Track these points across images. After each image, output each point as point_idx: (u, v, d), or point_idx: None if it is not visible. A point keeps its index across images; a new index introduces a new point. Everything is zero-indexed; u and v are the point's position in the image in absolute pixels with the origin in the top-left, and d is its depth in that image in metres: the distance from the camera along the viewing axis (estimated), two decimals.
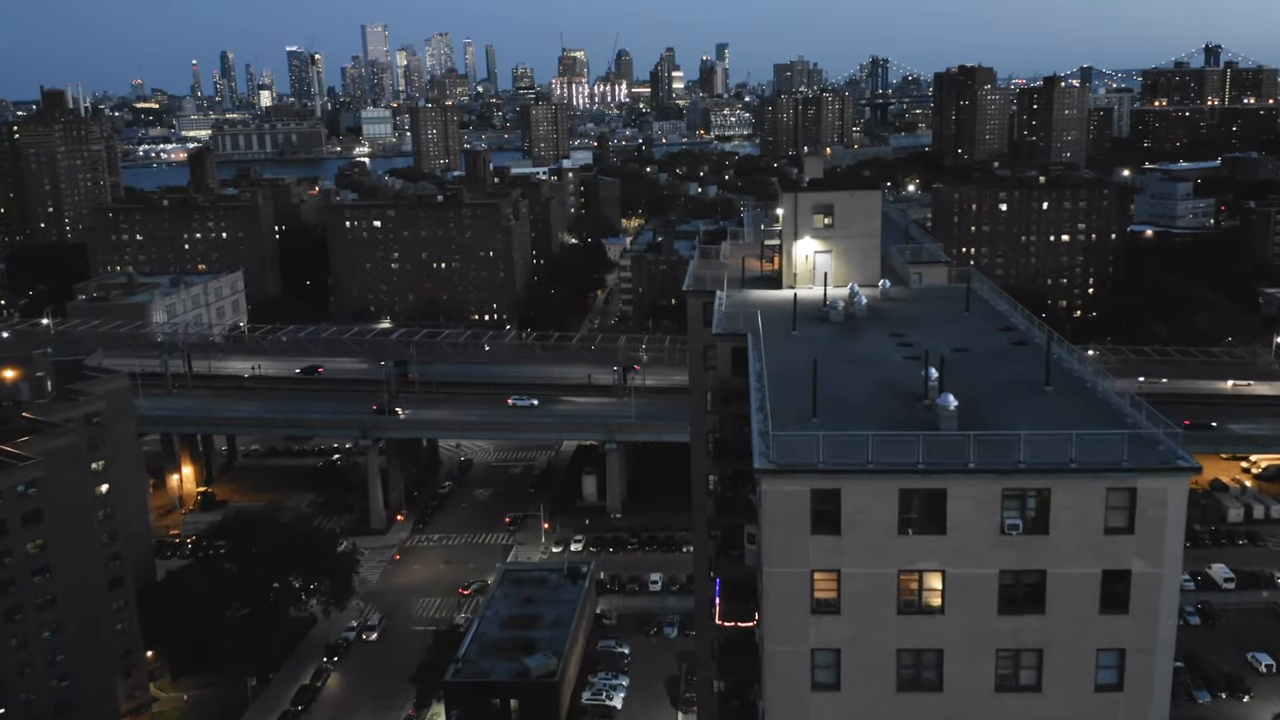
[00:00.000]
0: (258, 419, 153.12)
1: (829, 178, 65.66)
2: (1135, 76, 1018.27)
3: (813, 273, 55.16)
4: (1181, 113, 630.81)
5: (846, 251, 55.11)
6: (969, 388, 38.28)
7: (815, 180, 55.61)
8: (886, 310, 51.98)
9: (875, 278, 54.90)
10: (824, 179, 64.74)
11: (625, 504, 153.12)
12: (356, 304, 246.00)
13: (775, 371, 40.67)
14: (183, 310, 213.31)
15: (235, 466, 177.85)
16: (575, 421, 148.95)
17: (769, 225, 68.42)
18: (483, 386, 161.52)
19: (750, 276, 58.18)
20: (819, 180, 60.95)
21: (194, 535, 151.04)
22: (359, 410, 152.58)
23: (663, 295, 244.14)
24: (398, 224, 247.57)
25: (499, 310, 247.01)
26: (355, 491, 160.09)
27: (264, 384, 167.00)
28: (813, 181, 55.59)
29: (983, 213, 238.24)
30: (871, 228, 54.95)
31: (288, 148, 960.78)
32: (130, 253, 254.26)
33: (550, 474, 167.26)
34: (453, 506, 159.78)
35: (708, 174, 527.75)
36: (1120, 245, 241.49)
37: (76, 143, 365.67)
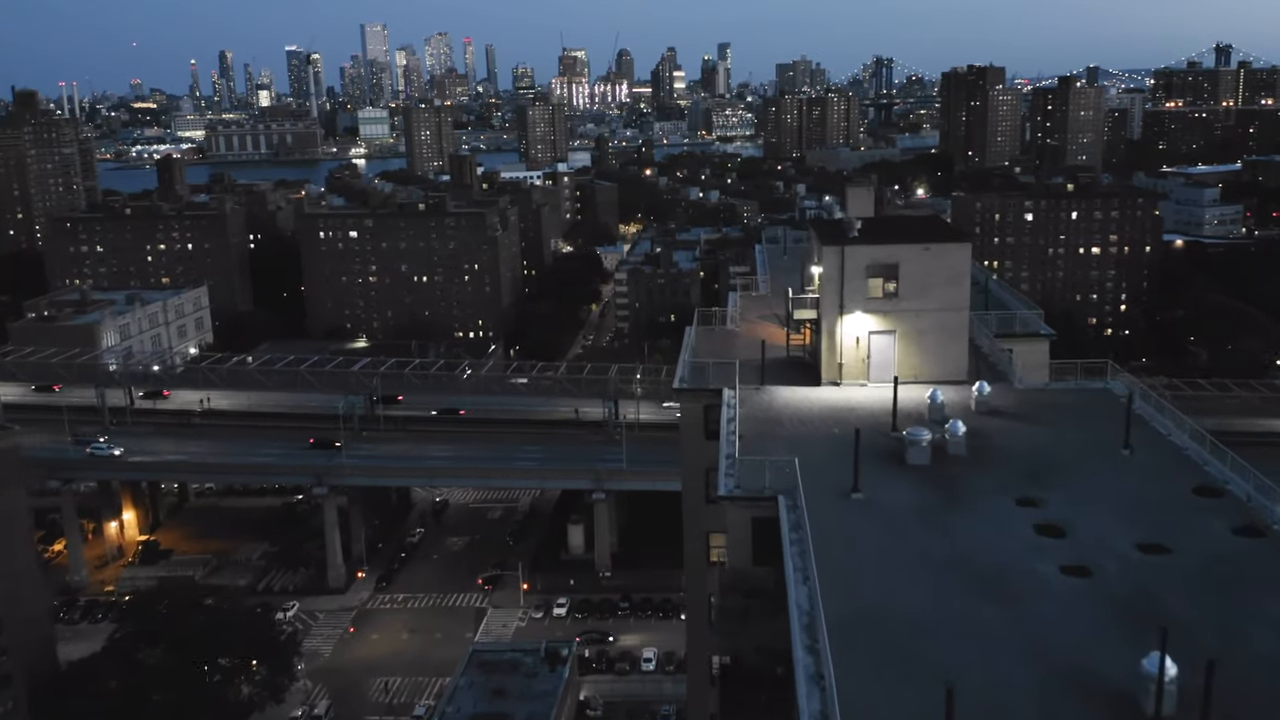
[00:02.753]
0: (199, 465, 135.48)
1: (887, 219, 47.36)
2: (1141, 77, 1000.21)
3: (866, 364, 38.03)
4: (1198, 114, 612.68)
5: (919, 333, 37.96)
6: (1207, 653, 20.14)
7: (868, 224, 38.56)
8: (995, 441, 34.42)
9: (960, 370, 37.64)
10: (879, 220, 47.26)
11: (616, 556, 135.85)
12: (331, 321, 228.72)
13: (838, 618, 23.00)
14: (138, 330, 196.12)
15: (186, 508, 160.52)
16: (558, 468, 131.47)
17: (797, 265, 51.04)
18: (456, 423, 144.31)
19: (773, 360, 40.79)
20: (873, 223, 43.46)
21: (130, 593, 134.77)
22: (311, 452, 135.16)
23: (661, 311, 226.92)
24: (376, 234, 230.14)
25: (484, 327, 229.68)
26: (315, 539, 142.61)
27: (214, 419, 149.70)
28: (865, 227, 38.42)
29: (1006, 223, 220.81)
30: (956, 298, 37.68)
31: (282, 149, 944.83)
32: (90, 265, 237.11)
33: (532, 520, 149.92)
34: (423, 558, 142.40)
35: (709, 177, 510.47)
36: (1154, 258, 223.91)
37: (48, 145, 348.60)
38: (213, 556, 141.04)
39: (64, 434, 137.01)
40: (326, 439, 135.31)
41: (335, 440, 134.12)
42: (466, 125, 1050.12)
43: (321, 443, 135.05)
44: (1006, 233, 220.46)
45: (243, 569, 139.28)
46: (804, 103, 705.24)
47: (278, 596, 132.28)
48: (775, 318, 46.71)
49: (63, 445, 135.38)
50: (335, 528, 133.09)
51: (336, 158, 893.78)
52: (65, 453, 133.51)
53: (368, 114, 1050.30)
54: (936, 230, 43.02)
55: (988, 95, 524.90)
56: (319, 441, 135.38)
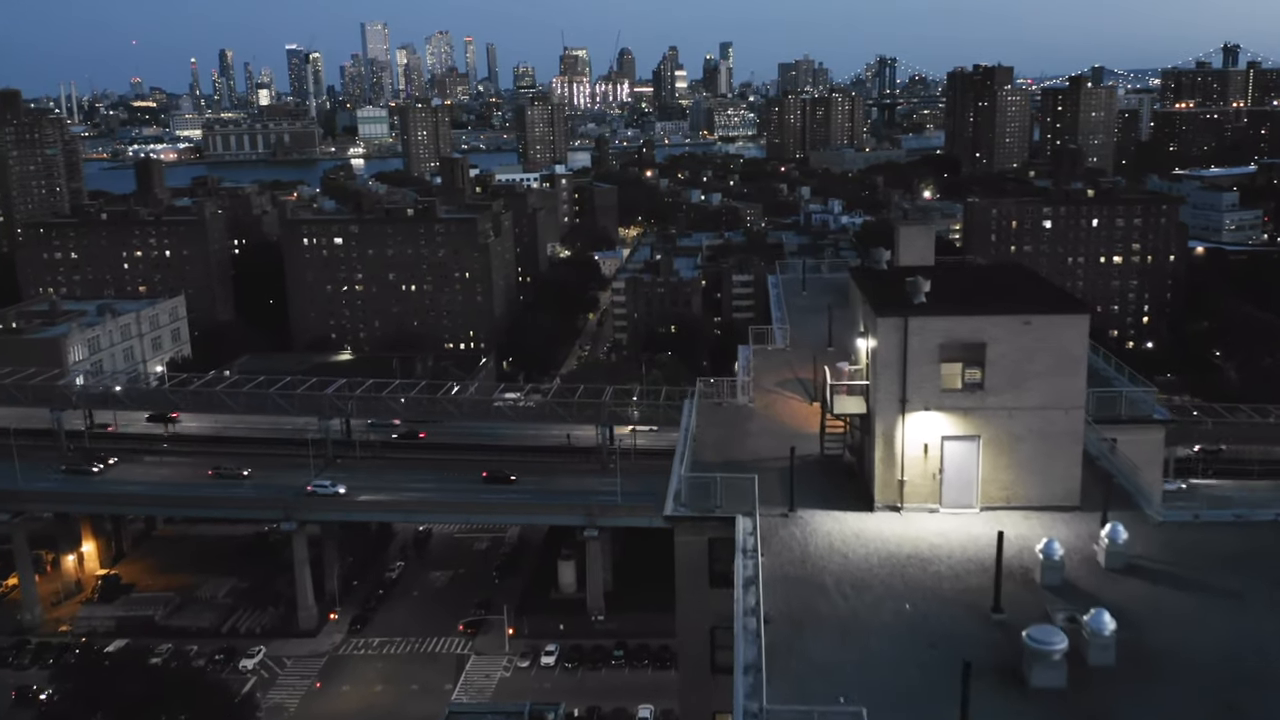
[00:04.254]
0: (155, 498, 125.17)
1: (959, 272, 33.20)
2: (1146, 77, 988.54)
3: (937, 482, 27.75)
4: (1209, 115, 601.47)
5: (1013, 440, 27.76)
6: None
7: (937, 281, 27.87)
8: (1154, 633, 23.04)
9: (1070, 492, 27.23)
10: (949, 272, 35.25)
11: (610, 595, 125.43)
12: (315, 332, 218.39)
13: None
14: (108, 344, 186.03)
15: (153, 537, 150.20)
16: (546, 504, 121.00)
17: (821, 305, 40.48)
18: (437, 448, 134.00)
19: (803, 460, 30.08)
20: (944, 280, 31.11)
21: (86, 635, 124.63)
22: (283, 482, 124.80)
23: (661, 321, 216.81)
24: (362, 241, 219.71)
25: (476, 338, 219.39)
26: (288, 573, 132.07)
27: (181, 443, 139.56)
28: (935, 288, 28.48)
29: (1024, 230, 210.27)
30: (1066, 391, 27.54)
31: (280, 148, 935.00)
32: (65, 273, 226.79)
33: (521, 553, 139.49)
34: (402, 595, 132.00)
35: (711, 179, 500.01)
36: (1178, 267, 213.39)
37: (30, 146, 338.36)
38: (175, 594, 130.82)
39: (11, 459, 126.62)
40: (501, 472, 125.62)
41: (509, 474, 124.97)
42: (466, 125, 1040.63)
43: (496, 476, 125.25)
44: (1024, 241, 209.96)
45: (207, 608, 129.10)
46: (807, 103, 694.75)
47: (243, 639, 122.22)
48: (799, 385, 36.53)
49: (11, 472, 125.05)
50: (305, 566, 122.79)
51: (335, 157, 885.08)
52: (13, 482, 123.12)
53: (367, 113, 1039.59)
54: (1036, 292, 31.39)
55: (996, 95, 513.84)
56: (493, 475, 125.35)
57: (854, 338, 30.14)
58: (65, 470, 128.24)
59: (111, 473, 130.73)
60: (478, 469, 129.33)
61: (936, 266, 34.24)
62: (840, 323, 42.31)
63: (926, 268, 32.72)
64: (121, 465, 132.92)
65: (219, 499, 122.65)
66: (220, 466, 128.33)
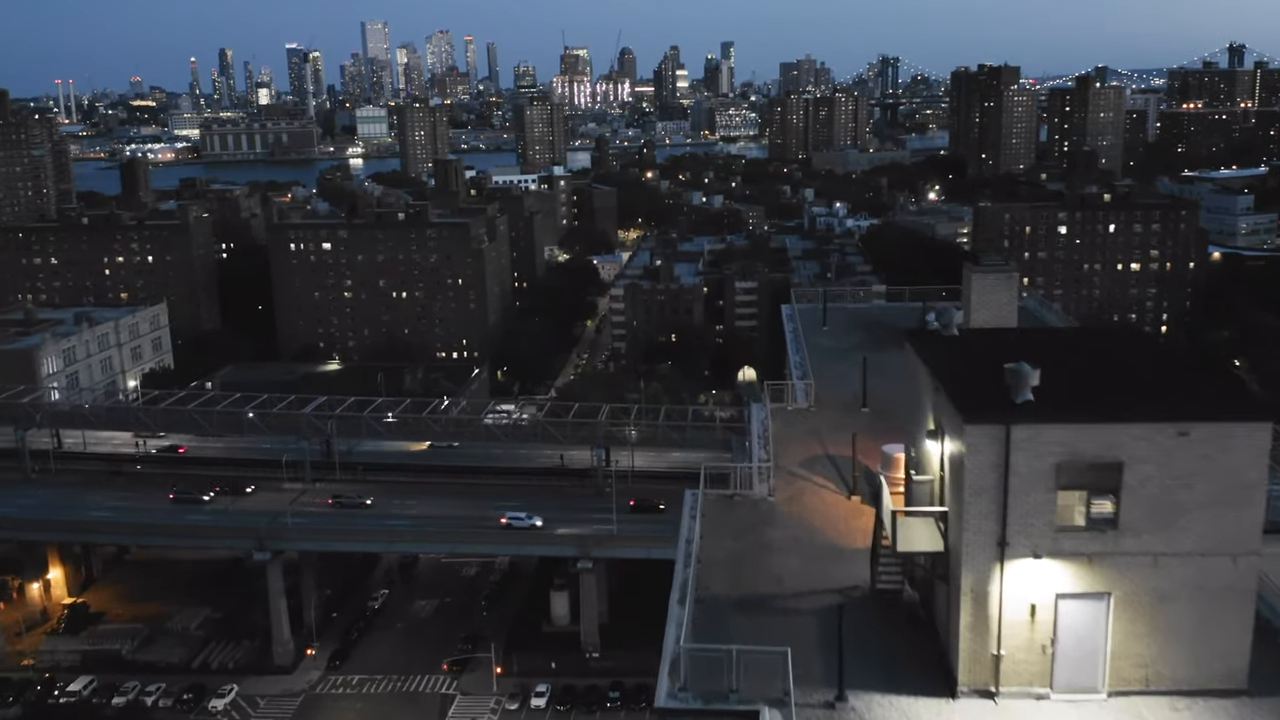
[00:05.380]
0: (118, 525, 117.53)
1: (1066, 341, 23.68)
2: (1149, 77, 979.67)
3: (1049, 656, 19.67)
4: (1217, 115, 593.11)
5: (1156, 600, 19.84)
6: None
7: (1038, 363, 20.18)
8: None
9: (1235, 672, 18.91)
10: (1052, 341, 25.48)
11: (605, 629, 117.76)
12: (303, 340, 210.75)
13: None
14: (85, 355, 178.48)
15: (125, 561, 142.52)
16: (537, 532, 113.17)
17: (847, 347, 32.47)
18: (422, 471, 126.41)
19: (851, 604, 21.70)
20: (1047, 358, 21.15)
21: (50, 670, 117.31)
22: (258, 508, 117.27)
23: (661, 330, 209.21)
24: (351, 246, 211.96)
25: (469, 347, 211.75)
26: (265, 602, 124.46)
27: (152, 465, 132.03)
28: (1042, 383, 19.99)
29: (1038, 236, 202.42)
30: (1235, 531, 19.57)
31: (278, 148, 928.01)
32: (44, 279, 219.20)
33: (511, 581, 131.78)
34: (385, 627, 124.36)
35: (713, 180, 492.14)
36: (1198, 274, 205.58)
37: (16, 147, 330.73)
38: (144, 626, 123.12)
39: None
40: None
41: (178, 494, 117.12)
42: (466, 125, 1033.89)
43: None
44: (1038, 247, 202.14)
45: (177, 641, 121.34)
46: (810, 103, 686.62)
47: (215, 676, 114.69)
48: (830, 464, 28.87)
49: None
50: (281, 598, 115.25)
51: (334, 157, 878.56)
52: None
53: (366, 113, 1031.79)
54: (1188, 384, 22.33)
55: (1002, 96, 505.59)
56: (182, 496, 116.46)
57: (919, 436, 22.39)
58: (174, 499, 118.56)
59: (72, 497, 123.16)
60: (467, 494, 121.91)
61: (1024, 333, 26.34)
62: (879, 374, 34.74)
63: (1014, 335, 24.78)
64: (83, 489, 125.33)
65: (186, 527, 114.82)
66: (180, 489, 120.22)
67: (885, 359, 40.52)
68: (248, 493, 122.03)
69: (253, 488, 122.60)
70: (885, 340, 43.19)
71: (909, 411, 23.68)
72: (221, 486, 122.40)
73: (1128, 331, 26.13)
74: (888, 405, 34.49)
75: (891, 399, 34.99)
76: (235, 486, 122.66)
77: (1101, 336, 25.11)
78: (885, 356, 41.07)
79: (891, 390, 35.99)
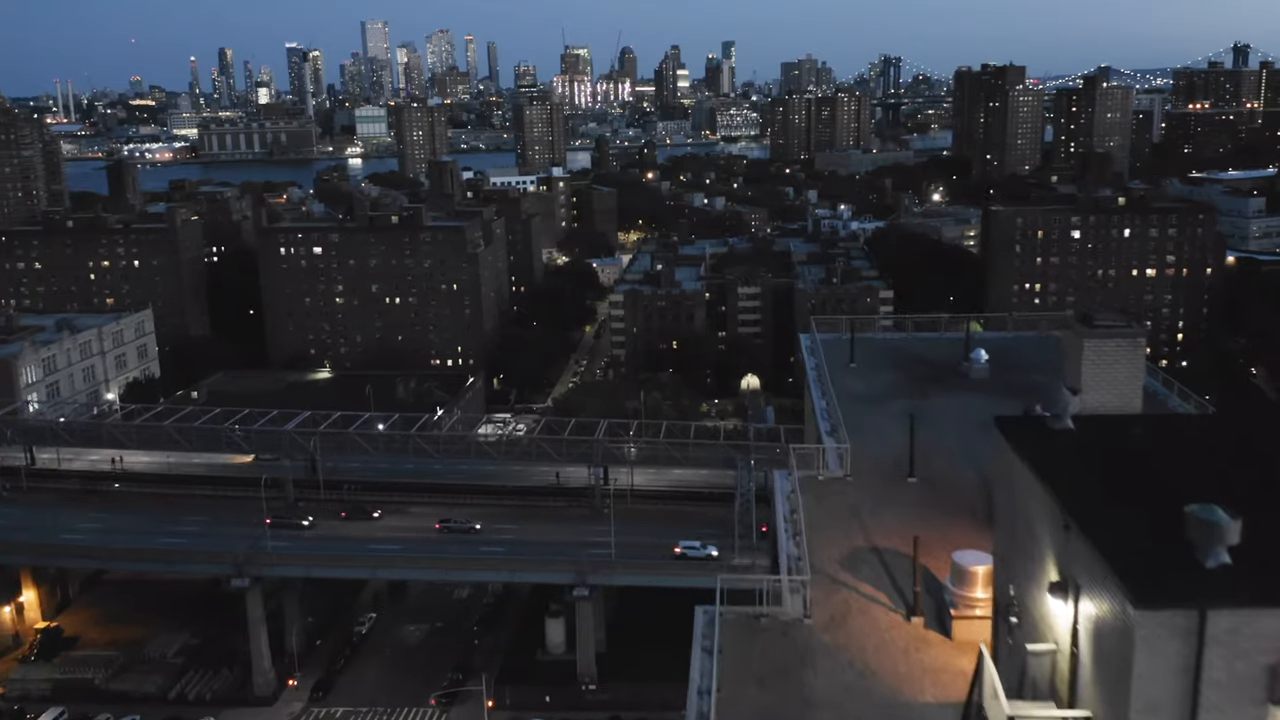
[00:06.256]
0: (87, 549, 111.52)
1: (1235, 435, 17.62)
2: (1152, 77, 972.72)
3: None
4: (1224, 116, 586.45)
5: None
6: None
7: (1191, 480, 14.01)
8: None
9: None
10: (1242, 436, 18.14)
11: (603, 658, 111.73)
12: (293, 347, 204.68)
13: None
14: (66, 363, 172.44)
15: (102, 582, 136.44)
16: (532, 558, 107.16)
17: (879, 389, 26.29)
18: (410, 490, 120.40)
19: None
20: (1201, 470, 15.09)
21: (20, 698, 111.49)
22: (238, 530, 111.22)
23: (662, 338, 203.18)
24: (343, 250, 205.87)
25: (464, 354, 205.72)
26: (247, 627, 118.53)
27: (128, 482, 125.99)
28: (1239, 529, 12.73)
29: (1050, 241, 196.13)
30: None
31: (276, 148, 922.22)
32: (28, 284, 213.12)
33: (505, 605, 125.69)
34: (372, 653, 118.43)
35: (714, 182, 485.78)
36: (1215, 280, 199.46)
37: (6, 148, 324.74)
38: (119, 653, 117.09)
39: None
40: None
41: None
42: (466, 124, 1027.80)
43: None
44: (1050, 252, 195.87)
45: (154, 669, 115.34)
46: (812, 103, 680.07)
47: (192, 708, 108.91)
48: (878, 563, 22.70)
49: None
50: (261, 626, 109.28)
51: (333, 156, 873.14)
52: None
53: (365, 112, 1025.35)
54: None
55: (1007, 96, 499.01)
56: None
57: (1026, 585, 16.19)
58: (272, 525, 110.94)
59: (45, 518, 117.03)
60: (454, 513, 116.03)
61: (1172, 429, 19.84)
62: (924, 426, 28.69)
63: (1162, 433, 18.43)
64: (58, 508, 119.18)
65: (160, 552, 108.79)
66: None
67: (929, 408, 34.48)
68: (375, 518, 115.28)
69: (379, 512, 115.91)
70: (926, 382, 37.16)
71: (966, 482, 17.45)
72: (348, 511, 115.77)
73: None
74: (941, 473, 28.47)
75: (945, 464, 28.91)
76: (361, 510, 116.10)
77: (1253, 437, 17.83)
78: (929, 404, 35.06)
79: (943, 451, 29.91)
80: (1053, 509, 14.85)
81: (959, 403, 34.83)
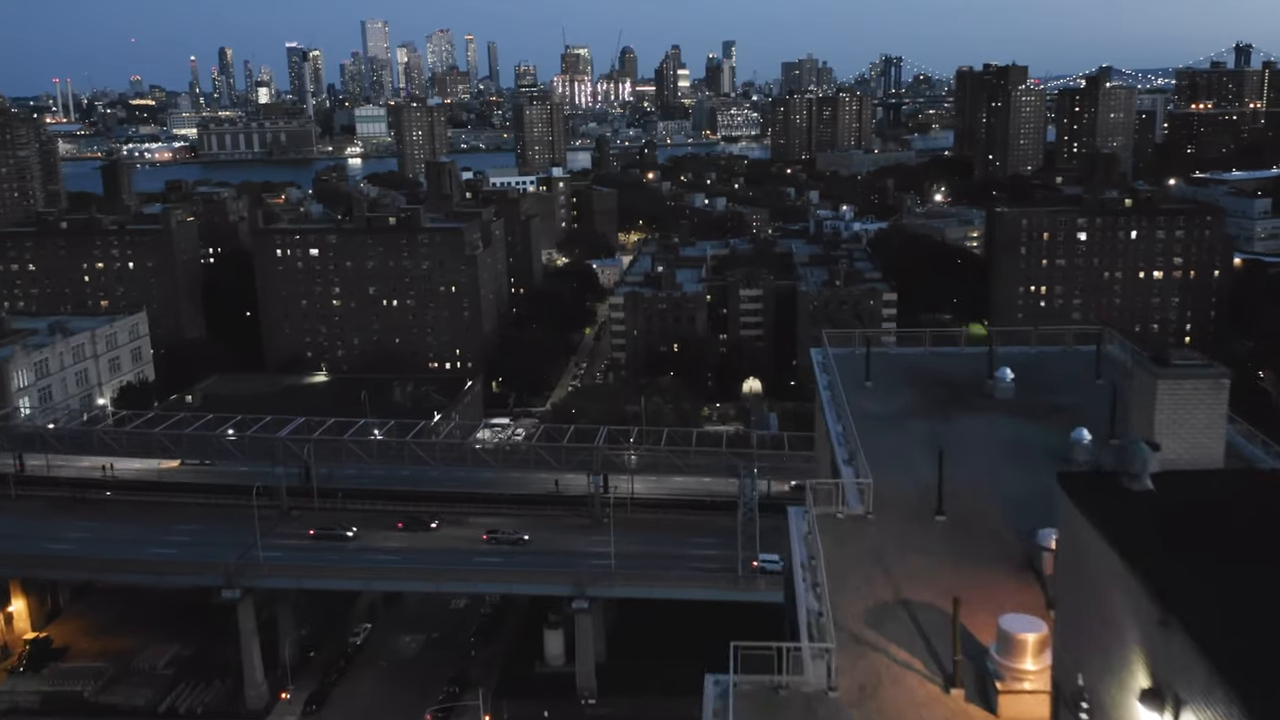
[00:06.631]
0: (84, 559, 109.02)
1: None
2: (1152, 77, 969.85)
3: None
4: (1228, 116, 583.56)
5: None
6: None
7: None
8: None
9: None
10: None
11: (603, 670, 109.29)
12: (289, 350, 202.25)
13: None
14: (59, 367, 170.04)
15: (93, 590, 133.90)
16: (530, 569, 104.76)
17: (900, 411, 23.98)
18: (406, 498, 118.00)
19: None
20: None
21: (8, 710, 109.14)
22: (230, 539, 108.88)
23: (663, 340, 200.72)
24: (340, 252, 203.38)
25: (462, 357, 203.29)
26: (239, 637, 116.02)
27: (118, 490, 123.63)
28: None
29: (1056, 243, 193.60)
30: None
31: (276, 147, 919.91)
32: (22, 286, 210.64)
33: (503, 615, 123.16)
34: (367, 665, 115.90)
35: (715, 182, 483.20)
36: (1223, 282, 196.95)
37: (1, 148, 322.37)
38: (108, 665, 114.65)
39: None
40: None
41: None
42: (467, 124, 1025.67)
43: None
44: (1056, 254, 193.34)
45: (144, 681, 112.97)
46: (814, 102, 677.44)
47: None
48: (912, 625, 20.04)
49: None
50: (254, 638, 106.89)
51: (332, 156, 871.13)
52: None
53: (365, 112, 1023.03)
54: None
55: (1010, 96, 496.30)
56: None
57: (1102, 678, 13.52)
58: (315, 536, 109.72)
59: (33, 526, 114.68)
60: (450, 522, 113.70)
61: (1258, 481, 17.23)
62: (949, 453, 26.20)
63: (1242, 482, 16.03)
64: (48, 516, 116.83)
65: (149, 563, 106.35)
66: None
67: (953, 432, 31.99)
68: (432, 528, 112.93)
69: (436, 523, 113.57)
70: (947, 402, 34.65)
71: (1001, 523, 14.70)
72: (406, 521, 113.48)
73: None
74: (971, 510, 25.91)
75: (975, 500, 26.35)
76: (419, 521, 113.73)
77: None
78: (953, 427, 32.56)
79: (971, 483, 27.35)
80: (1143, 598, 12.31)
81: (985, 426, 32.37)
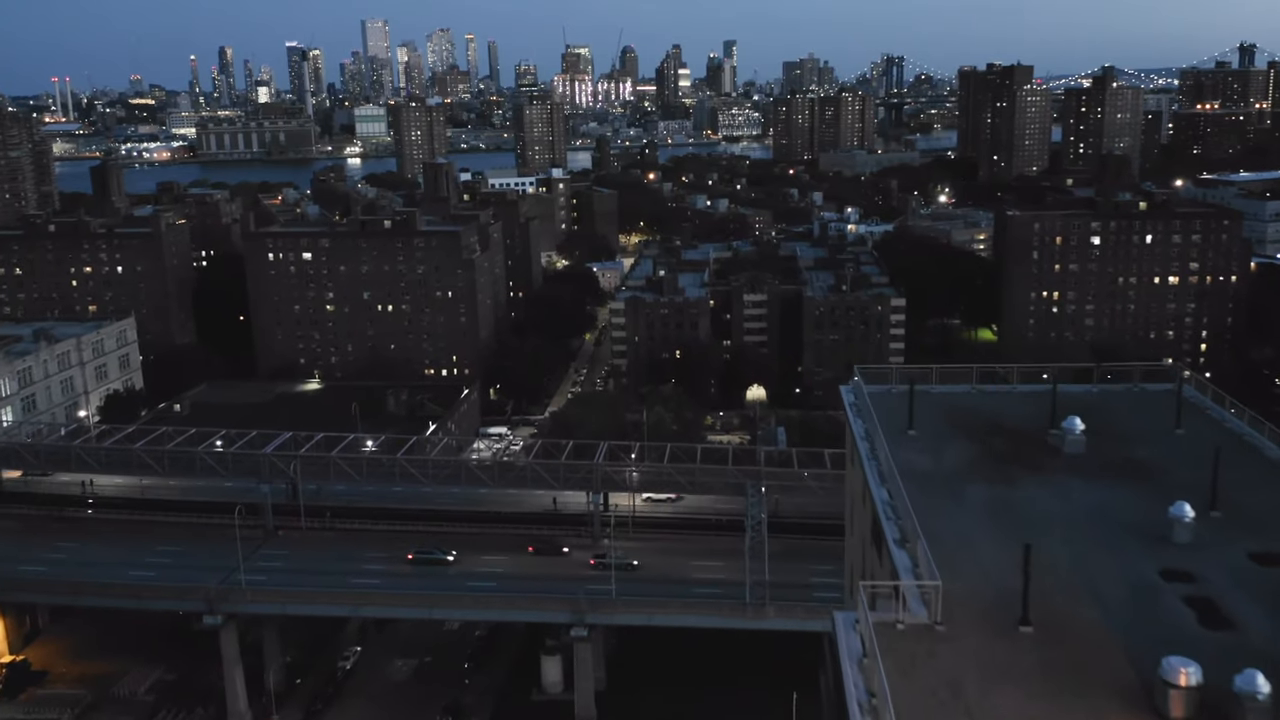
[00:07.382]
0: (58, 583, 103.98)
1: None
2: (1154, 77, 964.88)
3: None
4: (1234, 116, 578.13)
5: None
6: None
7: None
8: None
9: None
10: None
11: (603, 699, 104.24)
12: (282, 357, 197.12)
13: None
14: (43, 375, 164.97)
15: (76, 611, 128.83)
16: (525, 595, 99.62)
17: (948, 474, 19.01)
18: (398, 516, 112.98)
19: None
20: None
21: None
22: (213, 561, 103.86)
23: (664, 347, 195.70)
24: (334, 256, 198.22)
25: (459, 364, 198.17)
26: None
27: (97, 508, 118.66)
28: None
29: (1069, 247, 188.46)
30: None
31: (275, 147, 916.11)
32: (7, 291, 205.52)
33: (499, 639, 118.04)
34: (356, 693, 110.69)
35: (717, 183, 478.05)
36: (1240, 288, 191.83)
37: None
38: (86, 692, 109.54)
39: None
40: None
41: None
42: (467, 124, 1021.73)
43: None
44: (1069, 259, 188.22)
45: (124, 709, 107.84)
46: (815, 102, 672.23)
47: None
48: None
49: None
50: (237, 665, 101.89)
51: (331, 156, 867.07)
52: None
53: (365, 111, 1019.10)
54: None
55: (1015, 96, 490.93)
56: None
57: None
58: (413, 561, 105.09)
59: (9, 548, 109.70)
60: (445, 541, 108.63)
61: None
62: (1022, 529, 21.12)
63: None
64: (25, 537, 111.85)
65: (127, 588, 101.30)
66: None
67: (1020, 501, 26.80)
68: (564, 553, 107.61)
69: (568, 549, 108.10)
70: (1008, 459, 29.44)
71: (1106, 637, 10.14)
72: (537, 546, 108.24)
73: None
74: (1063, 617, 20.58)
75: (1066, 601, 21.14)
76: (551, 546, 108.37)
77: None
78: (1018, 494, 27.35)
79: (1055, 576, 22.15)
80: None
81: (1059, 492, 27.09)
